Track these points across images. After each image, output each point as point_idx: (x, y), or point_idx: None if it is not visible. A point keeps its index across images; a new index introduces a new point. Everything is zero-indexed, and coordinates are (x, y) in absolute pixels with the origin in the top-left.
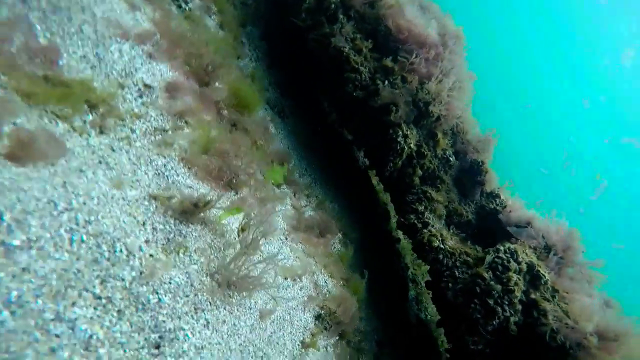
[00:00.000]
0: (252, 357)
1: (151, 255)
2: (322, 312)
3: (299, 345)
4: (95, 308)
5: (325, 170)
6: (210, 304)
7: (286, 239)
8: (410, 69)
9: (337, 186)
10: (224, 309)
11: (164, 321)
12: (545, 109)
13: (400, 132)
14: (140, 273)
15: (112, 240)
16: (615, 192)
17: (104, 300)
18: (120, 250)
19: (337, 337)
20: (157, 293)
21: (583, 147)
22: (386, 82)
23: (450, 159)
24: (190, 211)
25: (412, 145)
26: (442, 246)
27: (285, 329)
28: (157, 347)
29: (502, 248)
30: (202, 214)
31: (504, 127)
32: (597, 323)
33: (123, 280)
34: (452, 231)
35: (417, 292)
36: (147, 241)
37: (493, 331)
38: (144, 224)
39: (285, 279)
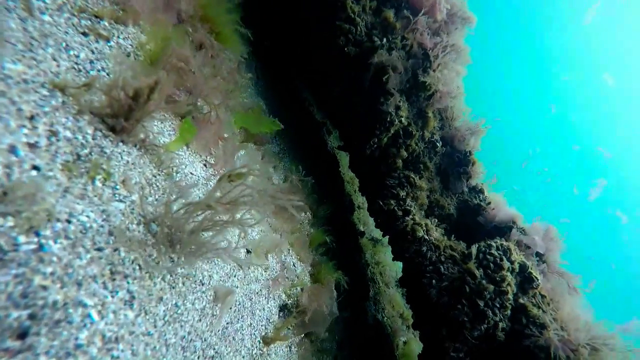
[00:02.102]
0: (198, 358)
1: (35, 168)
2: (289, 301)
3: (259, 342)
4: None
5: (294, 145)
6: (141, 268)
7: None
8: (413, 30)
9: (306, 164)
10: (162, 279)
11: (43, 287)
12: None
13: (393, 103)
14: (4, 193)
15: None
16: None
17: None
18: None
19: (303, 335)
20: (37, 234)
21: (550, 156)
22: (384, 39)
23: (437, 144)
24: (123, 113)
25: (402, 119)
26: (426, 237)
27: (245, 319)
28: (22, 335)
29: (494, 244)
30: (142, 135)
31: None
32: (588, 332)
33: None
34: (434, 223)
35: (375, 291)
36: (31, 145)
37: (478, 337)
38: (31, 117)
39: (248, 252)
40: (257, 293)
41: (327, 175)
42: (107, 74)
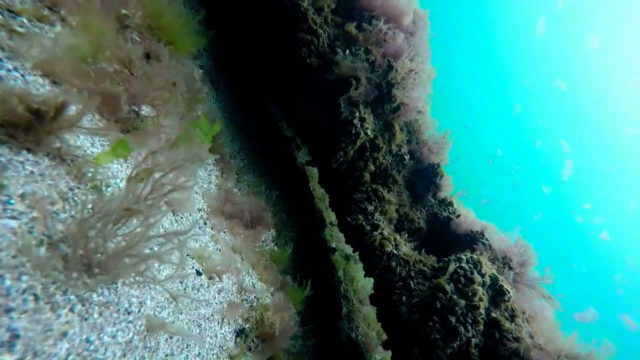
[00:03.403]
0: None
1: None
2: (247, 325)
3: None
4: None
5: (261, 160)
6: (37, 298)
7: (205, 223)
8: (377, 42)
9: (273, 180)
10: (70, 310)
11: None
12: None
13: (358, 114)
14: None
15: None
16: None
17: None
18: None
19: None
20: None
21: (514, 154)
22: (347, 51)
23: (405, 157)
24: (23, 126)
25: (368, 132)
26: (395, 252)
27: (191, 349)
28: None
29: (464, 257)
30: (57, 144)
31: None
32: (564, 346)
33: None
34: (404, 237)
35: (349, 309)
36: None
37: (452, 355)
38: None
39: (199, 273)
40: (208, 318)
41: (297, 191)
42: (22, 75)
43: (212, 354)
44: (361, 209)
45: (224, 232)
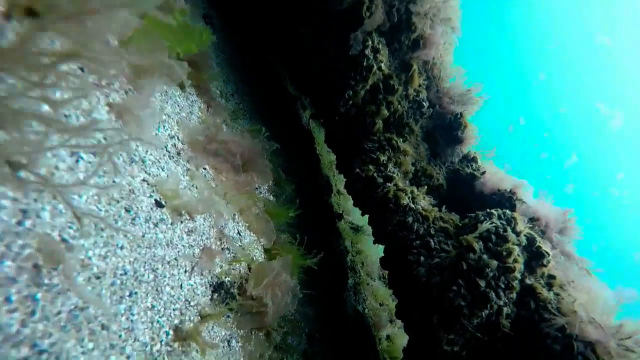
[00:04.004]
0: None
1: None
2: (227, 279)
3: (167, 334)
4: None
5: (259, 109)
6: None
7: (179, 153)
8: None
9: (274, 134)
10: None
11: None
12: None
13: (370, 44)
14: None
15: None
16: None
17: None
18: None
19: (251, 328)
20: None
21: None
22: None
23: (424, 104)
24: None
25: (382, 66)
26: (412, 206)
27: (140, 299)
28: None
29: (495, 213)
30: None
31: None
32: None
33: None
34: (422, 191)
35: (356, 281)
36: None
37: (479, 326)
38: None
39: (159, 205)
40: (170, 263)
41: (301, 152)
42: None
43: (174, 309)
44: (372, 159)
45: (206, 168)
